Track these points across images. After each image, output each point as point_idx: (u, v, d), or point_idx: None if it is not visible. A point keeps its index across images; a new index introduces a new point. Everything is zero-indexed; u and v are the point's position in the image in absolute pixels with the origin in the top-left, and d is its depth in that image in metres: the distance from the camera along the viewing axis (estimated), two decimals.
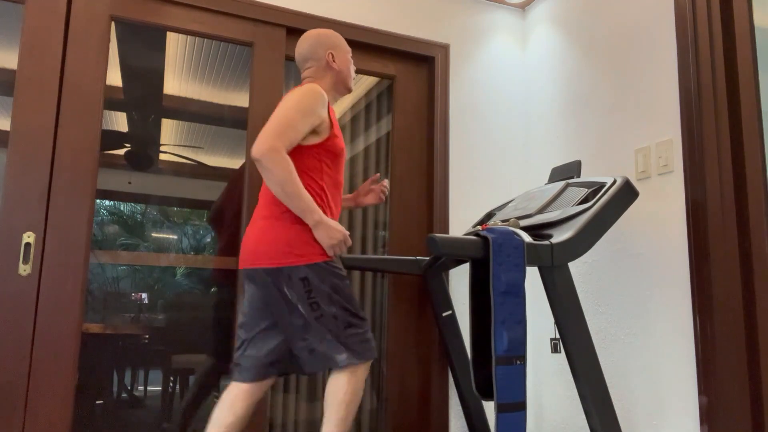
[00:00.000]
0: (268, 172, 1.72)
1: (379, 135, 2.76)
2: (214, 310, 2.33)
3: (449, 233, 2.65)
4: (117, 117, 2.27)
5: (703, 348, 1.86)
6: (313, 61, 2.02)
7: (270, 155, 1.70)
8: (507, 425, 1.58)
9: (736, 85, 1.94)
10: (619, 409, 2.18)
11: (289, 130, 1.75)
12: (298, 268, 1.77)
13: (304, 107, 1.80)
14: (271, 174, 1.72)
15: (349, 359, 1.78)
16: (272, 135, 1.72)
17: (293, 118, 1.77)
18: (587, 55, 2.53)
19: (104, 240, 2.23)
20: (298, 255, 1.77)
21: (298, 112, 1.78)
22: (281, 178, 1.72)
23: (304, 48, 2.03)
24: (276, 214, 1.81)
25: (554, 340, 1.98)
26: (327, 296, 1.78)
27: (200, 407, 2.27)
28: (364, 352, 1.81)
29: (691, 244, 1.93)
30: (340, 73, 2.04)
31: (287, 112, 1.77)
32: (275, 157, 1.71)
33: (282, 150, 1.72)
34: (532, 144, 2.85)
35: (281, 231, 1.79)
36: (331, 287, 1.79)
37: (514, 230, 1.70)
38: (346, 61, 2.06)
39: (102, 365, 2.14)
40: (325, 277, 1.79)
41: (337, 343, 1.78)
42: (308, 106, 1.81)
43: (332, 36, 2.05)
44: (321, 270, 1.79)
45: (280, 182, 1.72)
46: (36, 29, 2.07)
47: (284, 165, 1.72)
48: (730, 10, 1.97)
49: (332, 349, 1.78)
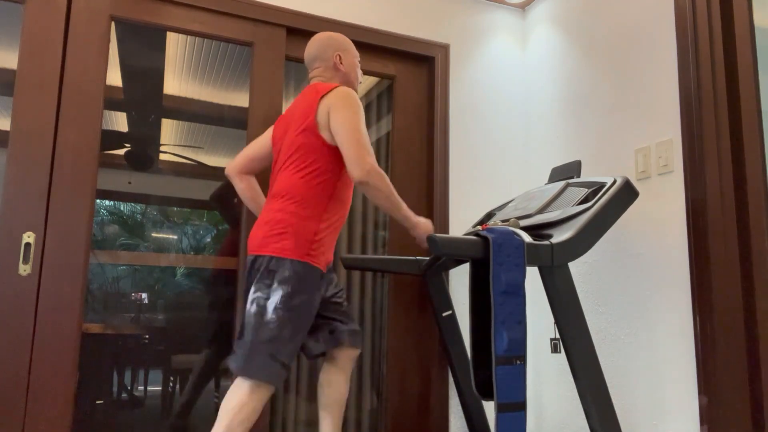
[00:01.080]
0: (376, 191, 1.81)
1: (379, 135, 2.76)
2: (214, 310, 2.33)
3: (449, 233, 2.65)
4: (117, 117, 2.27)
5: (703, 348, 1.86)
6: (321, 61, 2.04)
7: (374, 174, 1.80)
8: (507, 425, 1.58)
9: (736, 85, 1.94)
10: (619, 409, 2.18)
11: (367, 141, 1.84)
12: (292, 262, 1.76)
13: (360, 114, 1.87)
14: (379, 192, 1.81)
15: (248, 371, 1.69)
16: (364, 154, 1.79)
17: (362, 128, 1.84)
18: (587, 55, 2.53)
19: (104, 240, 2.23)
20: (291, 249, 1.77)
21: (361, 121, 1.85)
22: (387, 192, 1.84)
23: (313, 48, 2.05)
24: (282, 206, 1.82)
25: (554, 340, 1.98)
26: (283, 297, 1.73)
27: (195, 406, 2.27)
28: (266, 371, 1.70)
29: (691, 244, 1.93)
30: (347, 76, 2.06)
31: (356, 127, 1.82)
32: (379, 174, 1.81)
33: (377, 165, 1.82)
34: (532, 144, 2.85)
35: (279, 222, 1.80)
36: (305, 293, 1.76)
37: (514, 230, 1.70)
38: (354, 65, 2.08)
39: (102, 365, 2.14)
40: (307, 282, 1.77)
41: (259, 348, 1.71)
42: (361, 112, 1.88)
43: (342, 39, 2.07)
44: (309, 274, 1.78)
45: (387, 197, 1.83)
46: (36, 29, 2.07)
47: (386, 180, 1.84)
48: (730, 10, 1.97)
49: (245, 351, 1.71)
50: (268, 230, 1.81)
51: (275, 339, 1.72)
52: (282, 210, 1.82)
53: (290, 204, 1.82)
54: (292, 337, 1.75)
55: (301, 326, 1.77)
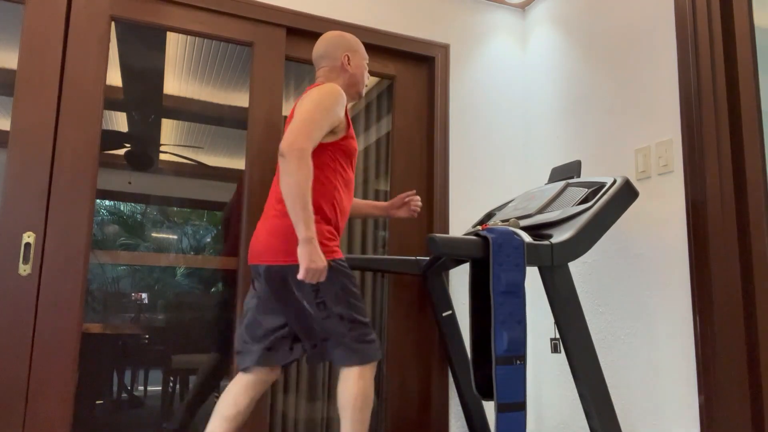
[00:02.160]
0: (291, 169, 1.68)
1: (379, 135, 2.76)
2: (214, 310, 2.32)
3: (449, 233, 2.65)
4: (117, 117, 2.27)
5: (703, 348, 1.86)
6: (328, 60, 2.02)
7: (298, 154, 1.70)
8: (507, 425, 1.58)
9: (736, 85, 1.94)
10: (619, 409, 2.18)
11: (316, 129, 1.76)
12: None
13: (327, 106, 1.80)
14: (292, 171, 1.68)
15: (354, 360, 1.79)
16: (301, 133, 1.72)
17: (317, 116, 1.77)
18: (587, 55, 2.53)
19: (104, 240, 2.23)
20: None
21: (322, 111, 1.79)
22: (299, 179, 1.68)
23: (321, 47, 2.04)
24: (285, 211, 1.82)
25: (554, 340, 1.98)
26: (334, 295, 1.79)
27: (201, 407, 2.27)
28: (369, 353, 1.82)
29: (691, 244, 1.93)
30: (353, 77, 2.04)
31: (311, 111, 1.77)
32: (303, 158, 1.70)
33: (309, 151, 1.73)
34: (532, 144, 2.85)
35: (291, 228, 1.79)
36: (339, 286, 1.80)
37: (514, 230, 1.70)
38: (361, 66, 2.06)
39: (102, 365, 2.14)
40: (334, 276, 1.80)
41: (342, 343, 1.80)
42: (330, 106, 1.81)
43: (351, 40, 2.06)
44: (330, 269, 1.80)
45: (297, 183, 1.68)
46: (36, 29, 2.07)
47: (307, 169, 1.71)
48: (730, 10, 1.97)
49: (337, 348, 1.81)
50: (284, 236, 1.79)
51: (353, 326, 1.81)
52: (285, 214, 1.81)
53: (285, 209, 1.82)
54: (362, 314, 1.84)
55: (360, 303, 1.85)
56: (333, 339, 1.82)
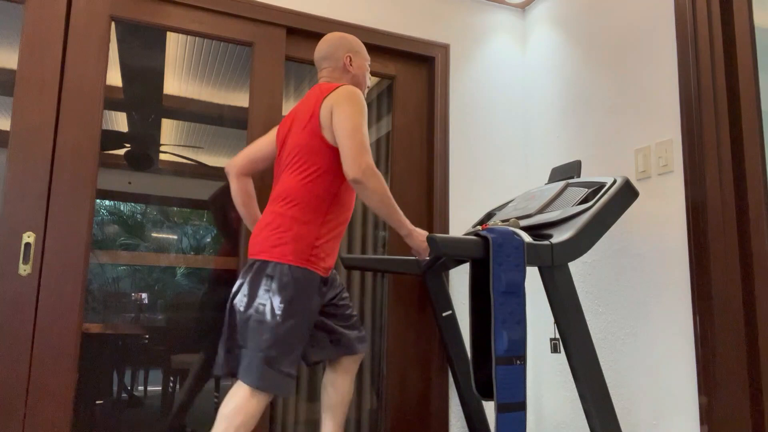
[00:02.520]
0: (369, 191, 1.75)
1: (379, 135, 2.76)
2: (214, 310, 2.32)
3: (449, 233, 2.65)
4: (117, 117, 2.27)
5: (703, 348, 1.86)
6: (331, 61, 2.02)
7: (369, 174, 1.74)
8: (507, 425, 1.58)
9: (736, 85, 1.94)
10: (619, 409, 2.18)
11: (367, 141, 1.79)
12: (291, 268, 1.75)
13: (363, 113, 1.82)
14: (372, 192, 1.75)
15: (253, 379, 1.68)
16: (363, 152, 1.75)
17: (364, 128, 1.80)
18: (587, 55, 2.53)
19: (104, 240, 2.23)
20: (291, 253, 1.76)
21: (363, 121, 1.81)
22: (382, 194, 1.76)
23: (324, 48, 2.03)
24: (283, 210, 1.81)
25: (554, 340, 1.98)
26: (286, 304, 1.72)
27: (192, 406, 2.27)
28: (273, 383, 1.69)
29: (691, 244, 1.93)
30: (355, 78, 2.04)
31: (357, 126, 1.78)
32: (374, 174, 1.75)
33: (374, 166, 1.77)
34: (532, 144, 2.85)
35: (279, 226, 1.79)
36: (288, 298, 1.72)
37: (514, 230, 1.70)
38: (363, 67, 2.06)
39: (102, 365, 2.14)
40: (293, 283, 1.74)
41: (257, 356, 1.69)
42: (365, 112, 1.83)
43: (353, 41, 2.06)
44: (309, 279, 1.77)
45: (381, 199, 1.76)
46: (36, 29, 2.07)
47: (382, 182, 1.78)
48: (730, 10, 1.97)
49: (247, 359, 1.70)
50: (268, 234, 1.79)
51: (274, 346, 1.70)
52: (283, 214, 1.80)
53: (291, 208, 1.80)
54: (293, 344, 1.73)
55: (301, 333, 1.75)
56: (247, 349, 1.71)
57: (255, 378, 1.68)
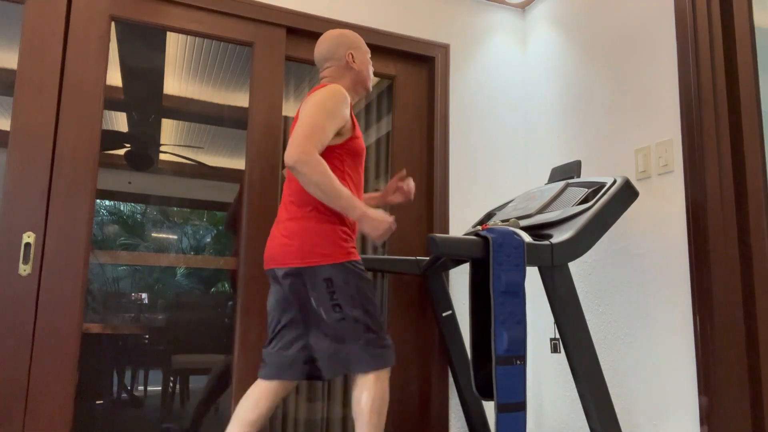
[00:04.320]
0: (303, 177, 1.72)
1: (379, 135, 2.76)
2: (214, 310, 2.32)
3: (449, 233, 2.65)
4: (117, 117, 2.27)
5: (703, 348, 1.86)
6: (332, 60, 2.02)
7: (302, 159, 1.70)
8: (507, 425, 1.58)
9: (736, 85, 1.94)
10: (619, 409, 2.18)
11: (318, 131, 1.75)
12: (323, 268, 1.77)
13: (330, 108, 1.79)
14: (306, 178, 1.71)
15: (370, 365, 1.77)
16: (302, 140, 1.72)
17: (321, 120, 1.76)
18: (587, 55, 2.53)
19: (104, 240, 2.23)
20: (323, 255, 1.78)
21: (324, 114, 1.78)
22: (317, 180, 1.71)
23: (324, 48, 2.03)
24: (302, 214, 1.82)
25: (554, 340, 1.98)
26: (350, 298, 1.78)
27: (212, 408, 2.27)
28: (385, 358, 1.80)
29: (691, 244, 1.93)
30: (360, 74, 2.04)
31: (314, 115, 1.76)
32: (308, 160, 1.70)
33: (313, 152, 1.72)
34: (532, 144, 2.85)
35: (307, 231, 1.80)
36: (355, 289, 1.79)
37: (514, 230, 1.70)
38: (366, 62, 2.06)
39: (102, 365, 2.14)
40: (349, 279, 1.79)
41: (357, 348, 1.78)
42: (334, 107, 1.80)
43: (352, 36, 2.06)
44: (345, 270, 1.79)
45: (317, 184, 1.71)
46: (36, 29, 2.07)
47: (318, 167, 1.71)
48: (730, 10, 1.97)
49: (352, 354, 1.78)
50: (302, 239, 1.80)
51: (368, 328, 1.79)
52: (305, 217, 1.82)
53: (310, 211, 1.82)
54: (378, 318, 1.82)
55: (376, 305, 1.84)
56: (347, 346, 1.79)
57: (369, 363, 1.77)
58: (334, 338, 1.80)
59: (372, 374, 1.78)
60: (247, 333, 2.22)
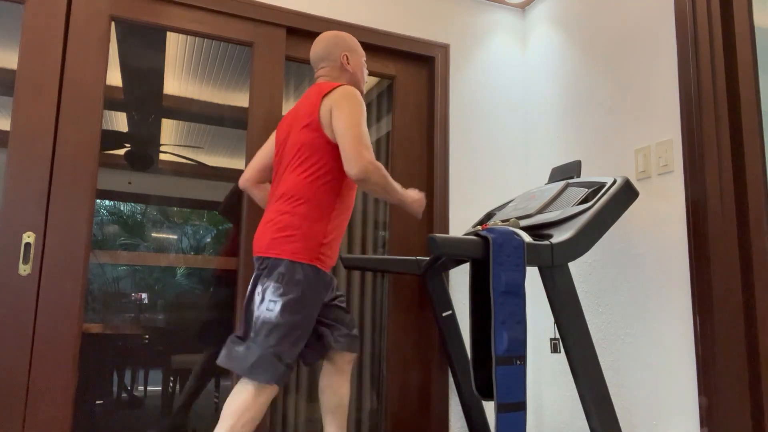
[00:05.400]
0: (373, 185, 1.78)
1: (379, 135, 2.76)
2: (213, 310, 2.33)
3: (449, 233, 2.65)
4: (117, 117, 2.27)
5: (703, 348, 1.86)
6: (327, 61, 2.03)
7: (370, 169, 1.76)
8: (507, 425, 1.58)
9: (736, 85, 1.94)
10: (619, 409, 2.18)
11: (365, 138, 1.81)
12: (303, 266, 1.77)
13: (362, 111, 1.84)
14: (376, 186, 1.79)
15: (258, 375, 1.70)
16: (361, 150, 1.76)
17: (362, 125, 1.82)
18: (587, 55, 2.53)
19: (104, 240, 2.23)
20: (291, 251, 1.77)
21: (362, 118, 1.83)
22: (384, 185, 1.81)
23: (319, 48, 2.04)
24: (286, 209, 1.83)
25: (554, 340, 1.98)
26: (290, 300, 1.74)
27: (194, 406, 2.27)
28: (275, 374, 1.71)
29: (691, 244, 1.93)
30: (354, 76, 2.06)
31: (356, 124, 1.80)
32: (377, 170, 1.78)
33: (374, 160, 1.79)
34: (532, 144, 2.85)
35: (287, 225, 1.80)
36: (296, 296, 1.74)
37: (514, 230, 1.70)
38: (360, 64, 2.08)
39: (102, 365, 2.14)
40: (300, 282, 1.76)
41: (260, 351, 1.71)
42: (363, 110, 1.85)
43: (348, 39, 2.07)
44: (318, 278, 1.79)
45: (384, 188, 1.81)
46: (36, 29, 2.07)
47: (383, 172, 1.80)
48: (730, 10, 1.97)
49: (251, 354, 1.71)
50: (277, 232, 1.80)
51: (283, 341, 1.72)
52: (290, 212, 1.81)
53: (299, 206, 1.81)
54: (298, 340, 1.76)
55: (307, 329, 1.79)
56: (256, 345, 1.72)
57: (266, 374, 1.70)
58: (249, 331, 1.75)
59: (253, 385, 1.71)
60: None
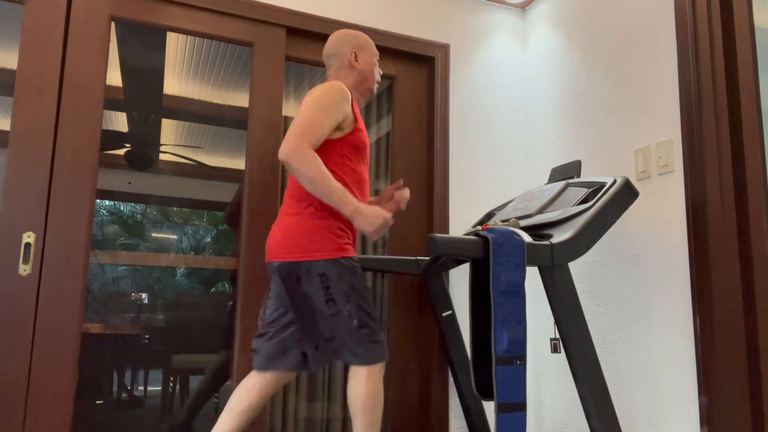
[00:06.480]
0: (297, 172, 1.74)
1: (379, 135, 2.76)
2: (213, 310, 2.33)
3: (449, 233, 2.65)
4: (117, 117, 2.27)
5: (703, 348, 1.86)
6: (336, 58, 2.04)
7: (295, 154, 1.73)
8: (507, 425, 1.58)
9: (736, 85, 1.94)
10: (619, 409, 2.18)
11: (312, 127, 1.77)
12: (317, 263, 1.79)
13: (326, 103, 1.82)
14: (299, 173, 1.74)
15: (362, 359, 1.79)
16: (296, 135, 1.75)
17: (316, 115, 1.79)
18: (587, 55, 2.53)
19: (104, 240, 2.23)
20: (318, 250, 1.79)
21: (319, 109, 1.80)
22: (310, 175, 1.73)
23: (330, 45, 2.05)
24: (298, 210, 1.85)
25: (554, 340, 1.98)
26: (344, 294, 1.79)
27: (205, 404, 2.27)
28: (377, 353, 1.81)
29: (691, 244, 1.93)
30: (362, 73, 2.05)
31: (309, 111, 1.79)
32: (300, 155, 1.73)
33: (306, 147, 1.74)
34: (532, 144, 2.85)
35: (303, 226, 1.82)
36: (349, 285, 1.80)
37: (514, 230, 1.70)
38: (371, 63, 2.07)
39: (102, 365, 2.14)
40: (344, 274, 1.80)
41: (350, 341, 1.80)
42: (330, 102, 1.82)
43: (359, 36, 2.07)
44: (340, 266, 1.81)
45: (309, 179, 1.73)
46: (36, 29, 2.07)
47: (311, 162, 1.73)
48: (730, 10, 1.97)
49: (344, 347, 1.81)
50: (297, 234, 1.82)
51: (363, 323, 1.80)
52: (301, 213, 1.84)
53: (306, 208, 1.84)
54: (372, 313, 1.83)
55: (369, 303, 1.85)
56: (339, 338, 1.81)
57: (361, 356, 1.79)
58: (326, 331, 1.83)
59: (364, 369, 1.80)
60: (247, 333, 2.22)
